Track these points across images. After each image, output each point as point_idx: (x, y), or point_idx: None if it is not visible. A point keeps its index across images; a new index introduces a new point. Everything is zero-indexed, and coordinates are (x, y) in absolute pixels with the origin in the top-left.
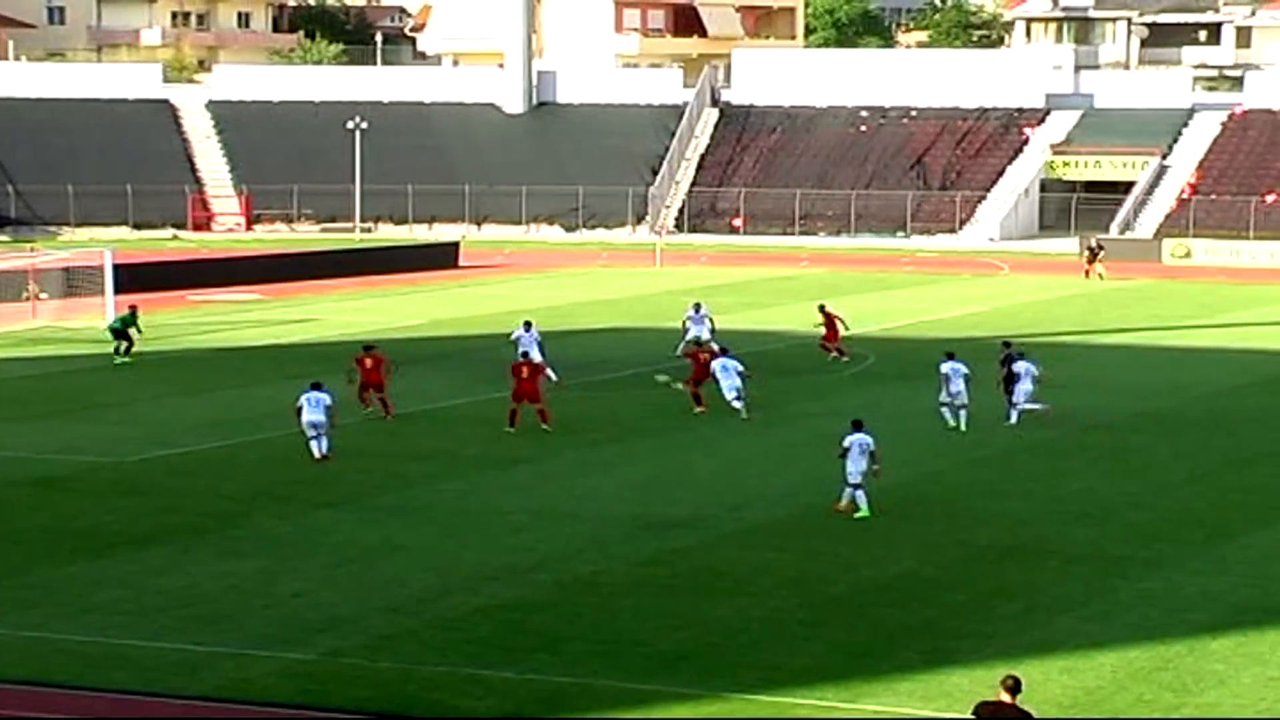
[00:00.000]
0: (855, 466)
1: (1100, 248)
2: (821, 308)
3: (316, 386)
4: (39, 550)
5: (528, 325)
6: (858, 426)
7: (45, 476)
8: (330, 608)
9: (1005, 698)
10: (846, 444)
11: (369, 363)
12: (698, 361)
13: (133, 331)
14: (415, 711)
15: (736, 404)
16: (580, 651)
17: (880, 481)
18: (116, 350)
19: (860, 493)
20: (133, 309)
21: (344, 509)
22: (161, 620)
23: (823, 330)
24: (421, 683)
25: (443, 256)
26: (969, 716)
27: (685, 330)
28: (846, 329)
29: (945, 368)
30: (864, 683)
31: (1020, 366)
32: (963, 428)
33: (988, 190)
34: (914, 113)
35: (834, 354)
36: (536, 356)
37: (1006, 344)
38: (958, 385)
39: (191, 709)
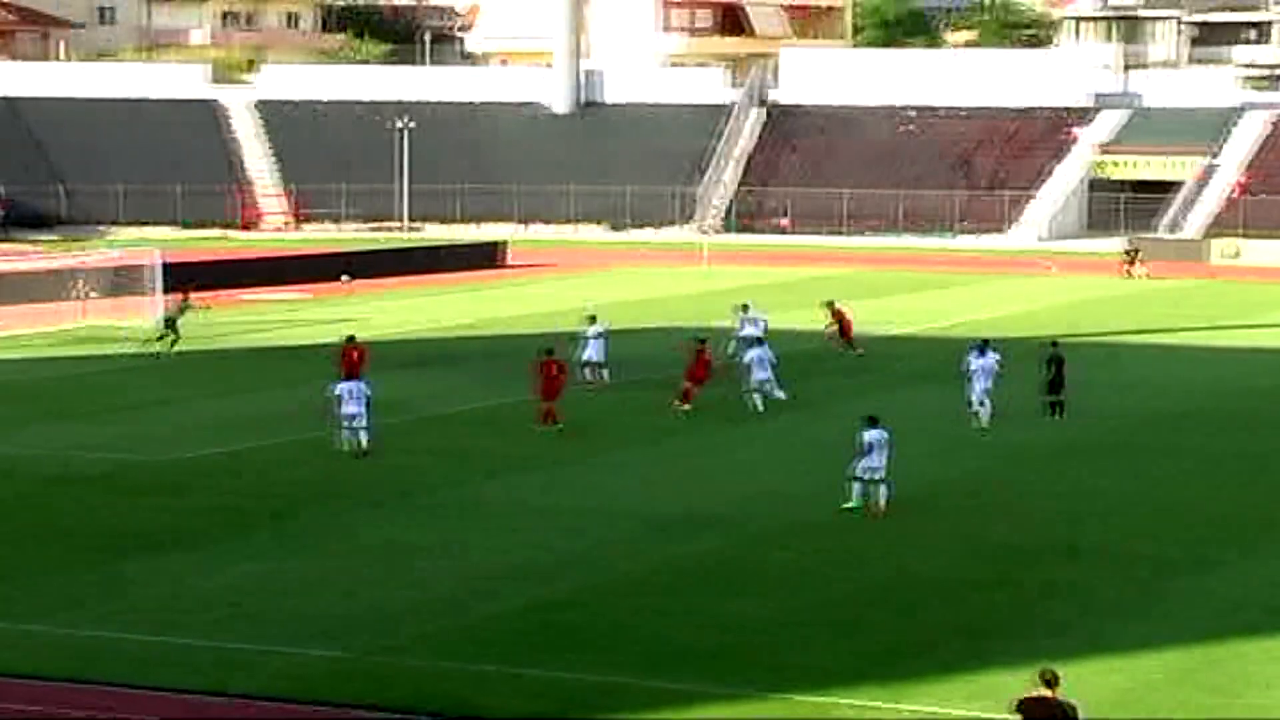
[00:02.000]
0: (873, 463)
1: (1137, 249)
2: (830, 304)
3: (350, 377)
4: (85, 548)
5: (593, 319)
6: (873, 422)
7: (91, 474)
8: (368, 606)
9: (1044, 691)
10: (867, 440)
11: (355, 355)
12: (699, 359)
13: (180, 322)
14: (451, 710)
15: (756, 397)
16: (616, 651)
17: (923, 479)
18: (160, 337)
19: (858, 486)
20: (185, 296)
21: (385, 508)
22: (204, 618)
23: (835, 328)
24: (457, 681)
25: (489, 256)
26: (1011, 715)
27: (739, 329)
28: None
29: (977, 364)
30: (905, 682)
31: (977, 363)
32: (984, 423)
33: (1035, 190)
34: (961, 112)
35: (854, 350)
36: (599, 351)
37: (1053, 343)
38: (985, 383)
39: (232, 706)
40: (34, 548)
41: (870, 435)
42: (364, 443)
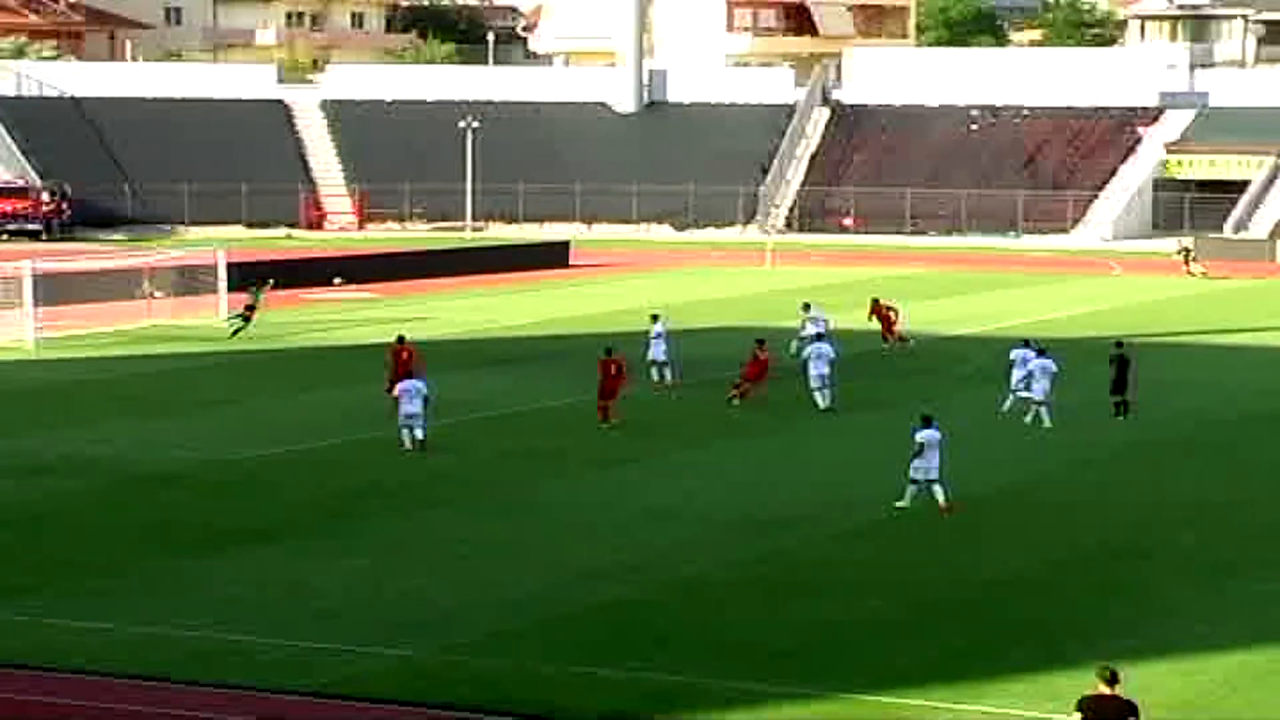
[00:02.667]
0: (927, 462)
1: (1189, 248)
2: (875, 302)
3: (410, 375)
4: (153, 546)
5: (655, 318)
6: (928, 422)
7: (159, 473)
8: (439, 605)
9: (1104, 689)
10: (922, 440)
11: (404, 355)
12: (755, 359)
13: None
14: (523, 709)
15: (818, 394)
16: (688, 650)
17: (989, 480)
18: (238, 315)
19: (913, 488)
20: (261, 282)
21: (454, 507)
22: (273, 616)
23: (878, 325)
24: (529, 681)
25: (553, 256)
26: (1073, 714)
27: (802, 329)
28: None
29: (1034, 363)
30: (972, 683)
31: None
32: (1046, 423)
33: (1101, 190)
34: (1026, 112)
35: (899, 343)
36: (662, 351)
37: (1119, 344)
38: (1045, 383)
39: (303, 704)
40: (105, 545)
41: (924, 435)
42: (419, 436)
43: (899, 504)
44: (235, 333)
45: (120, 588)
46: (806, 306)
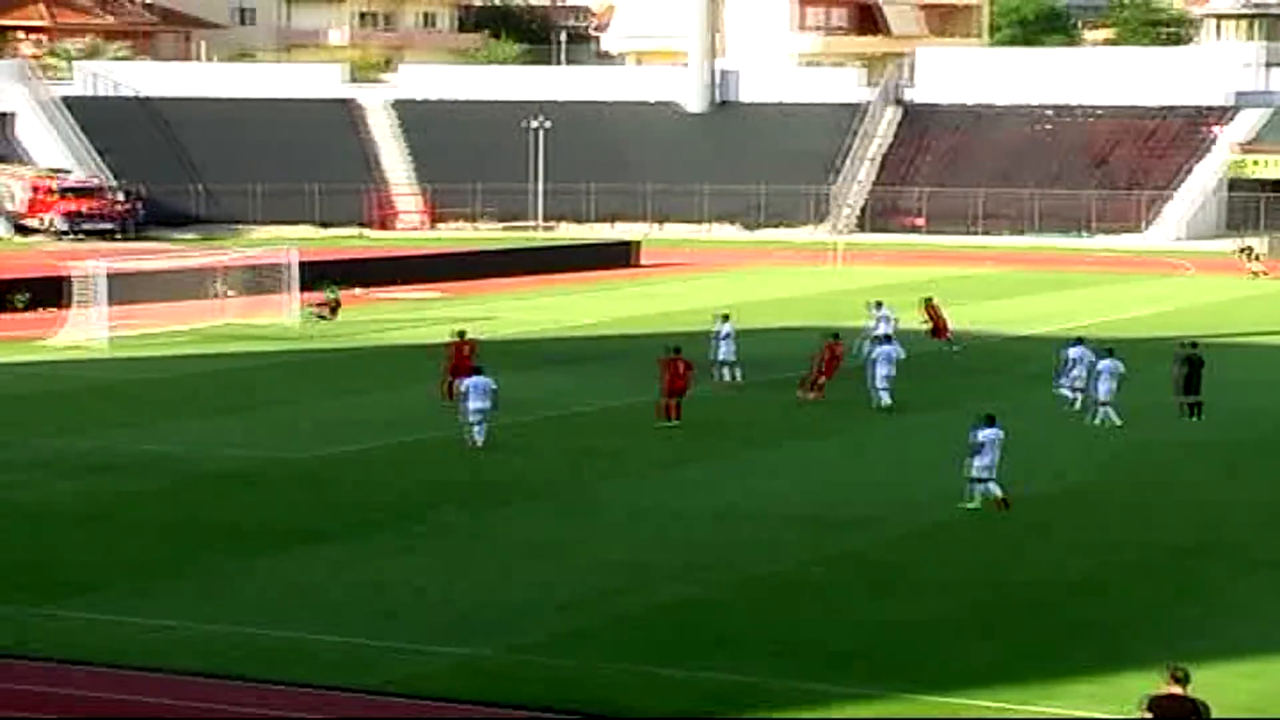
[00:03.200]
0: (986, 461)
1: (1250, 247)
2: (928, 301)
3: (477, 371)
4: (221, 544)
5: (725, 317)
6: (990, 421)
7: (228, 471)
8: (506, 604)
9: (1174, 689)
10: (981, 439)
11: (464, 350)
12: (831, 354)
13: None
14: (590, 709)
15: (882, 393)
16: (755, 651)
17: (1057, 480)
18: (324, 306)
19: (980, 487)
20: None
21: (519, 506)
22: (340, 615)
23: (929, 326)
24: (596, 680)
25: (622, 255)
26: (1144, 715)
27: (874, 327)
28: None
29: (1101, 364)
30: (1040, 684)
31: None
32: (1116, 421)
33: (1172, 189)
34: (1098, 111)
35: (951, 346)
36: (729, 351)
37: (1192, 344)
38: (1112, 384)
39: (369, 703)
40: (171, 542)
41: (984, 434)
42: (480, 440)
43: (968, 505)
44: (320, 319)
45: (186, 586)
46: (878, 305)
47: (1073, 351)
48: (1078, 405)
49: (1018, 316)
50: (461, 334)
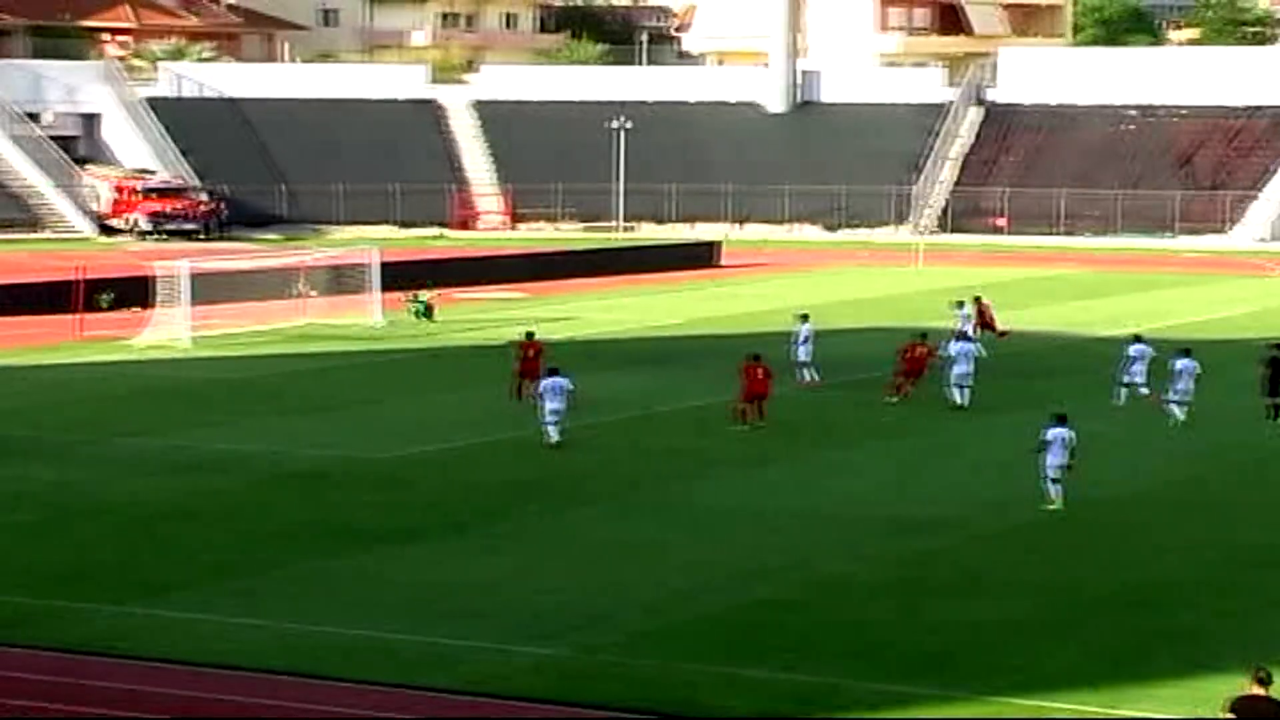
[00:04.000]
0: (1055, 460)
1: None
2: (977, 300)
3: (554, 372)
4: (302, 544)
5: (804, 318)
6: (1061, 420)
7: (309, 471)
8: (585, 604)
9: (1258, 690)
10: (1049, 437)
11: (530, 351)
12: (914, 354)
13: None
14: (668, 709)
15: (955, 391)
16: (833, 652)
17: (1140, 482)
18: (418, 313)
19: (1057, 486)
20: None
21: (599, 506)
22: (420, 614)
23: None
24: (675, 680)
25: (703, 256)
26: (1227, 716)
27: (960, 326)
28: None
29: (1179, 364)
30: (1121, 688)
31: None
32: (1180, 420)
33: (1257, 190)
34: (1182, 111)
35: (1000, 337)
36: (805, 352)
37: (1276, 345)
38: (1186, 383)
39: (449, 703)
40: (255, 542)
41: (1051, 433)
42: (559, 434)
43: (1050, 506)
44: (421, 317)
45: (268, 585)
46: (959, 304)
47: (1133, 349)
48: (1123, 401)
49: (1101, 317)
50: (530, 334)
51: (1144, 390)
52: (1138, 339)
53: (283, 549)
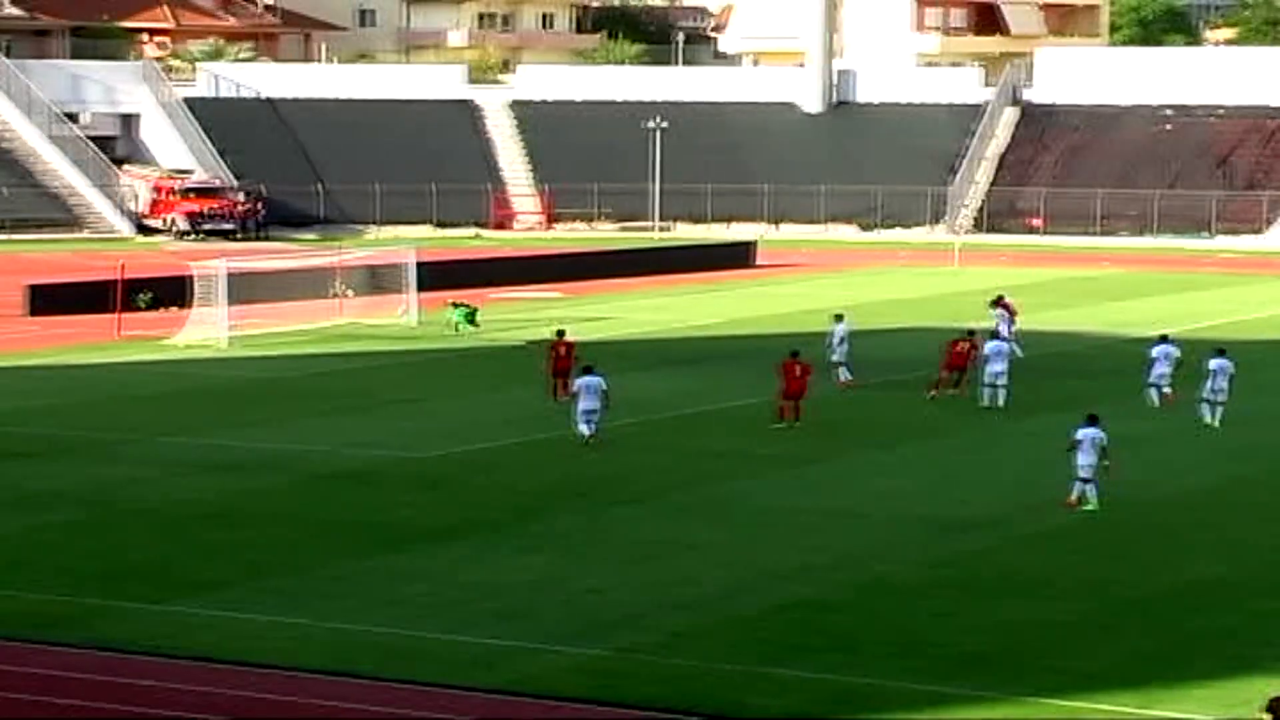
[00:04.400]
0: (1085, 460)
1: None
2: (999, 299)
3: (588, 371)
4: (342, 543)
5: (839, 318)
6: (1092, 420)
7: (348, 470)
8: (625, 604)
9: None
10: (1079, 437)
11: (563, 350)
12: (956, 350)
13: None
14: (708, 709)
15: (986, 391)
16: (874, 652)
17: (1183, 483)
18: (461, 322)
19: (1090, 487)
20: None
21: (639, 506)
22: (460, 614)
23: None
24: (715, 680)
25: (739, 256)
26: (1264, 717)
27: (997, 325)
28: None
29: (1213, 363)
30: (1161, 689)
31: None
32: (1217, 424)
33: None
34: (1220, 111)
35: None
36: (841, 353)
37: None
38: (1220, 382)
39: (488, 702)
40: (294, 542)
41: (1081, 433)
42: (590, 431)
43: (1086, 507)
44: (457, 328)
45: (307, 584)
46: (994, 303)
47: (1155, 350)
48: (1157, 402)
49: (1139, 318)
50: (560, 333)
51: (1166, 390)
52: (1164, 339)
53: (322, 549)
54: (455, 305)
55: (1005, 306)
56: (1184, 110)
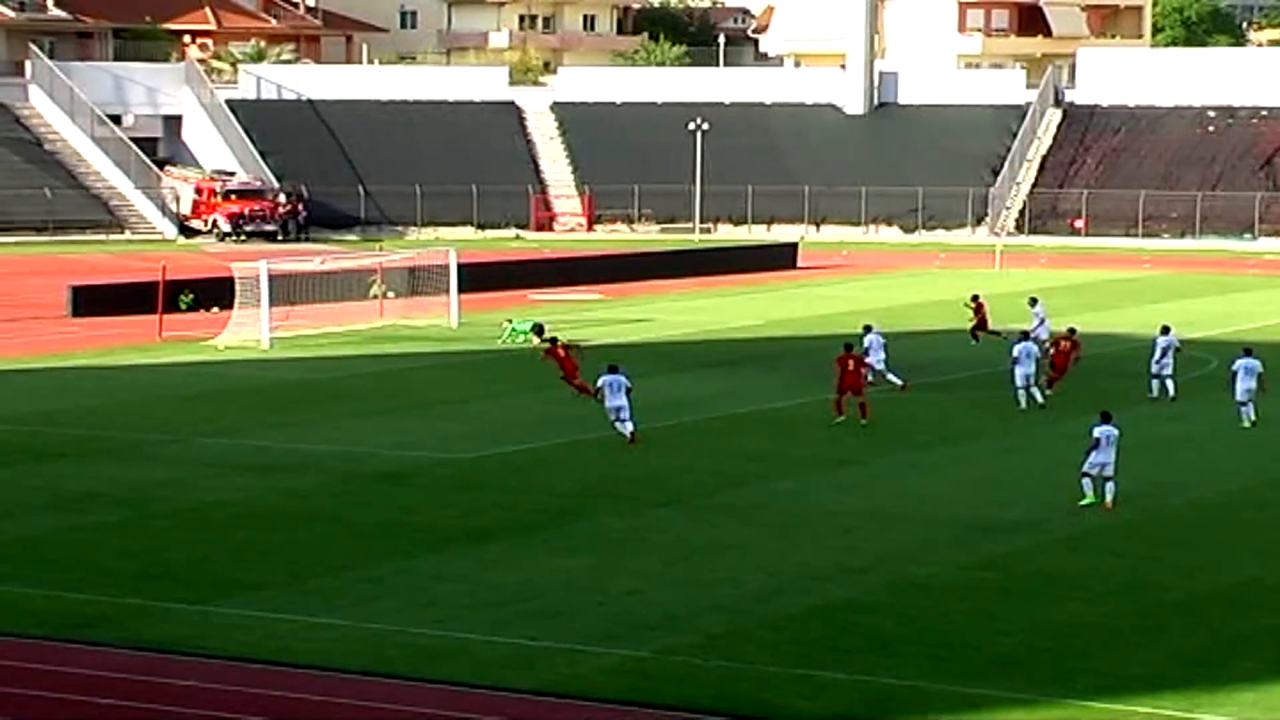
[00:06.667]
0: (1099, 458)
1: None
2: (975, 298)
3: (613, 369)
4: (380, 543)
5: (868, 329)
6: (1106, 418)
7: (387, 471)
8: (662, 605)
9: None
10: (1097, 435)
11: (561, 352)
12: (1059, 349)
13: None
14: (745, 710)
15: (1020, 393)
16: (911, 654)
17: (1223, 485)
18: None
19: (1110, 484)
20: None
21: (676, 507)
22: (497, 614)
23: (973, 321)
24: (752, 682)
25: (781, 257)
26: None
27: (1034, 325)
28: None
29: (1239, 363)
30: (1202, 691)
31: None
32: (1248, 423)
33: None
34: (1264, 112)
35: (996, 335)
36: (878, 359)
37: None
38: (1249, 382)
39: (525, 703)
40: (331, 542)
41: (1099, 431)
42: (628, 431)
43: (1082, 502)
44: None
45: (345, 585)
46: (1032, 301)
47: (1161, 340)
48: (1155, 393)
49: (1180, 320)
50: (553, 340)
51: (1169, 382)
52: (1167, 330)
53: (361, 549)
54: (512, 322)
55: (980, 305)
56: (1227, 111)
